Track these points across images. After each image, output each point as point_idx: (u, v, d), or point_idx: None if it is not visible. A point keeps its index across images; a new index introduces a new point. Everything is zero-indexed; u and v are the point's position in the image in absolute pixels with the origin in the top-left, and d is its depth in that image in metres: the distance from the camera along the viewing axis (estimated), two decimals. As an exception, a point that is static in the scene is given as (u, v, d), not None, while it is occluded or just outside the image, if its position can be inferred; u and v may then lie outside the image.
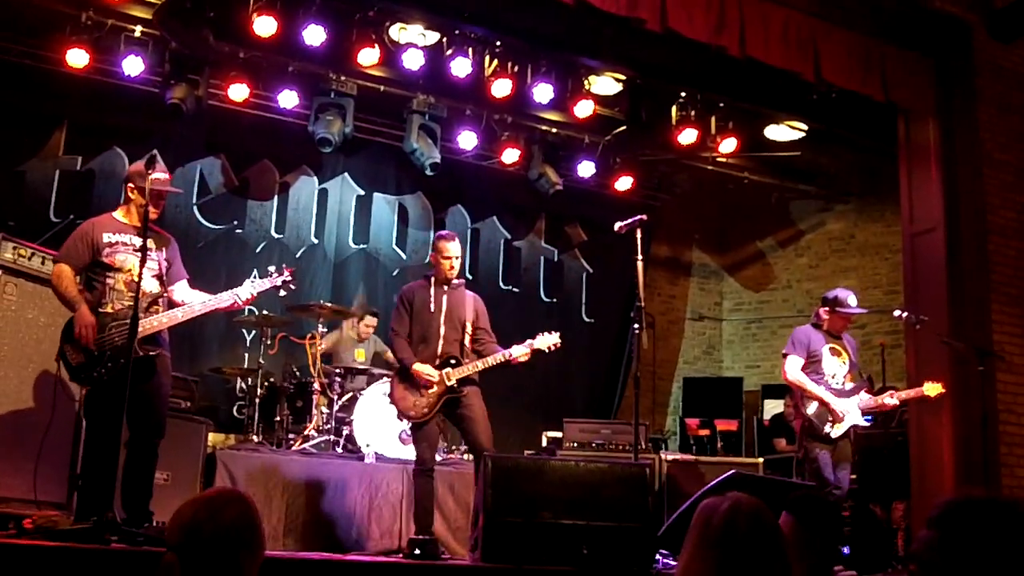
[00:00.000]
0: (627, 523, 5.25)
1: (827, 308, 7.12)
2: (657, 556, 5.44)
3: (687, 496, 6.15)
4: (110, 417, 4.98)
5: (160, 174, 5.42)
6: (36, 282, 5.96)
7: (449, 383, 6.21)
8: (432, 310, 6.37)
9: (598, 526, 5.17)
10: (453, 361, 6.28)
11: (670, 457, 8.33)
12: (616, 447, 8.22)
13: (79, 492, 5.72)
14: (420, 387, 6.22)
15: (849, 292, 7.22)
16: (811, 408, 6.88)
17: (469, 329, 6.45)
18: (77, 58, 7.82)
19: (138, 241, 5.25)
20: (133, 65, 7.95)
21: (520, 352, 6.32)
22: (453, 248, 6.44)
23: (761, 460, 8.65)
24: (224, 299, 5.60)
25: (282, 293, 5.90)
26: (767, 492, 5.86)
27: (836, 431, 6.84)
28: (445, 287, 6.46)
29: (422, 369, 6.23)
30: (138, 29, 7.94)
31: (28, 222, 7.76)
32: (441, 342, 6.33)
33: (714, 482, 5.85)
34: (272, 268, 5.82)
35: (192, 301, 5.55)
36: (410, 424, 6.41)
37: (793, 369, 6.98)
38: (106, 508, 4.61)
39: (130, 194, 5.52)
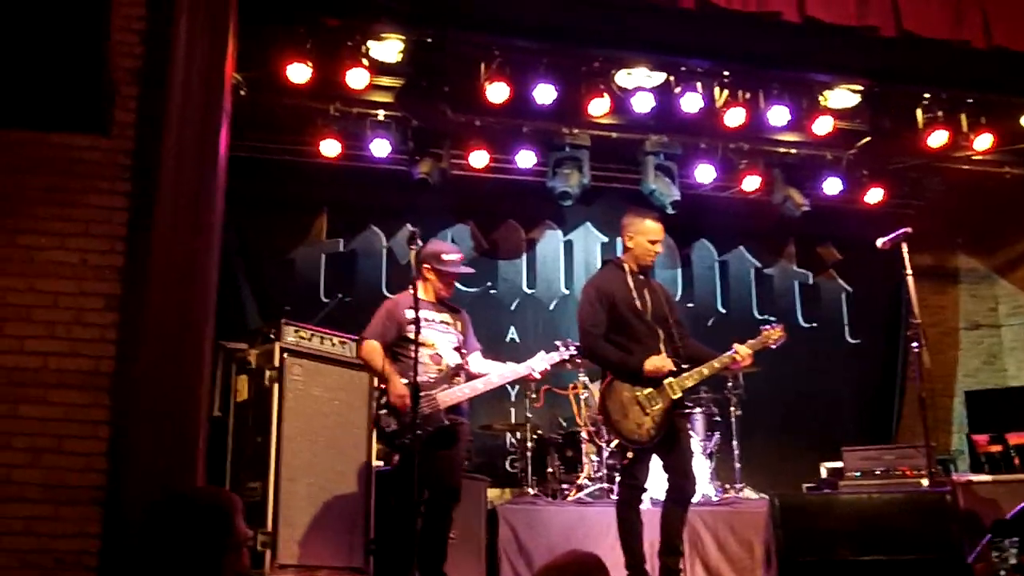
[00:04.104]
0: (930, 555, 4.96)
1: None
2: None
3: (988, 521, 5.71)
4: (414, 483, 5.23)
5: (452, 255, 5.86)
6: (318, 360, 6.39)
7: (675, 396, 5.43)
8: (639, 307, 5.59)
9: (900, 560, 4.91)
10: (674, 370, 5.49)
11: (963, 478, 7.80)
12: (901, 473, 7.78)
13: (375, 556, 6.02)
14: (640, 403, 5.44)
15: None
16: None
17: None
18: (330, 147, 8.38)
19: (438, 316, 5.75)
20: (380, 147, 8.46)
21: (745, 352, 5.53)
22: (660, 229, 5.78)
23: (1068, 474, 7.95)
24: (519, 371, 5.88)
25: (569, 367, 6.19)
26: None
27: None
28: (642, 277, 5.76)
29: (658, 362, 5.38)
30: (381, 113, 8.43)
31: (301, 305, 8.32)
32: (662, 345, 5.54)
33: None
34: (559, 343, 5.93)
35: (488, 371, 5.82)
36: (627, 451, 5.62)
37: None
38: (407, 571, 4.82)
39: (426, 274, 5.85)
